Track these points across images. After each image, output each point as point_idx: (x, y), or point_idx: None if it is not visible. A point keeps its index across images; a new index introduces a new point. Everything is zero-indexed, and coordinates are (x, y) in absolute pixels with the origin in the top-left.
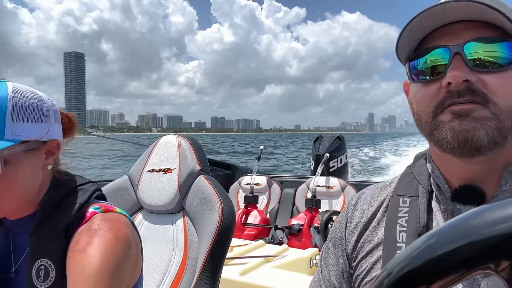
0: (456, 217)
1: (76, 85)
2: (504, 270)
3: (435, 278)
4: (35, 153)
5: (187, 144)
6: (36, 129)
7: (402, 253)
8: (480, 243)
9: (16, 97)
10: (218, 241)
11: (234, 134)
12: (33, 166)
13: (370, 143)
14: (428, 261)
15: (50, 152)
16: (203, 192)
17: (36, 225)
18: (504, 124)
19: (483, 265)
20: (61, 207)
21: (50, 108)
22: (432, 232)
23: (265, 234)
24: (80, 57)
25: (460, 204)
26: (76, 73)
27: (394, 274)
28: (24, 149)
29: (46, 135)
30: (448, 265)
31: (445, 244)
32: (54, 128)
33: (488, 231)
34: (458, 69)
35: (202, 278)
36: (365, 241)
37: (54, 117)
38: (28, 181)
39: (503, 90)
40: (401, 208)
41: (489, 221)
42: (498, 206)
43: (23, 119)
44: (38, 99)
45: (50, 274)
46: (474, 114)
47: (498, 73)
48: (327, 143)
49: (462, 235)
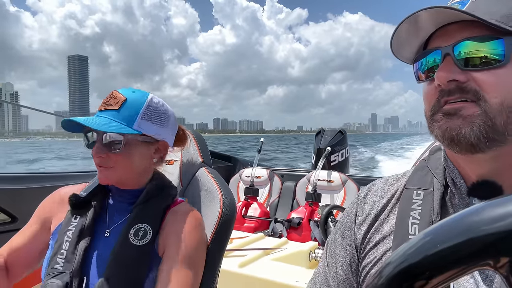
0: (456, 213)
1: (79, 88)
2: (503, 267)
3: (435, 273)
4: (148, 147)
5: (190, 136)
6: (155, 129)
7: (402, 247)
8: (479, 240)
9: (151, 103)
10: (218, 233)
11: (237, 135)
12: (143, 154)
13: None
14: (427, 256)
15: (159, 150)
16: (204, 184)
17: (142, 201)
18: (495, 121)
19: (482, 262)
20: (164, 193)
21: (171, 120)
22: (432, 228)
23: (265, 227)
24: (83, 60)
25: (477, 199)
26: (80, 76)
27: (393, 268)
28: (141, 140)
29: (160, 136)
30: (447, 261)
31: (445, 239)
32: (168, 135)
33: (487, 228)
34: (445, 69)
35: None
36: (375, 232)
37: (171, 127)
38: (137, 163)
39: (495, 87)
40: (415, 201)
41: (489, 217)
42: (498, 203)
43: (149, 120)
44: (165, 111)
45: (147, 235)
46: (462, 112)
47: (490, 70)
48: (329, 137)
49: (462, 231)
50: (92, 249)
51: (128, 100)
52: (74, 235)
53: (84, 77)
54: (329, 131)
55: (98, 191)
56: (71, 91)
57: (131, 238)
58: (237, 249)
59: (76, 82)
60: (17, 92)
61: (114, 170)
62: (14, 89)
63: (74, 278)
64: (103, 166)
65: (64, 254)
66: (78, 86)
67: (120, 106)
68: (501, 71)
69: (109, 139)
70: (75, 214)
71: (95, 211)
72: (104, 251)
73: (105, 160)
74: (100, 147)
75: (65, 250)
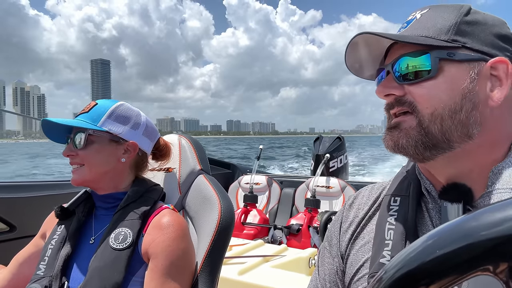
0: (456, 219)
1: (102, 91)
2: (502, 272)
3: (434, 279)
4: (116, 146)
5: (188, 143)
6: (122, 129)
7: (401, 253)
8: (478, 245)
9: (120, 107)
10: (217, 240)
11: (251, 137)
12: (111, 152)
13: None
14: (426, 262)
15: (128, 150)
16: (203, 191)
17: (122, 205)
18: (429, 130)
19: (481, 267)
20: (143, 198)
21: (144, 126)
22: (431, 233)
23: (264, 233)
24: (105, 64)
25: (447, 201)
26: (102, 79)
27: (392, 275)
28: (108, 138)
29: (128, 137)
30: (446, 267)
31: (444, 245)
32: (140, 139)
33: (486, 233)
34: (382, 85)
35: (201, 277)
36: (357, 239)
37: (146, 134)
38: (104, 160)
39: (425, 98)
40: (392, 207)
41: (487, 223)
42: (496, 208)
43: (116, 120)
44: (136, 115)
45: (127, 239)
46: (402, 125)
47: (420, 83)
48: (327, 143)
49: (461, 236)
50: (76, 256)
51: (98, 104)
52: (57, 242)
53: (106, 80)
54: (328, 138)
55: (83, 201)
56: (94, 94)
57: (111, 242)
58: (237, 256)
59: (99, 85)
60: (44, 94)
61: (83, 168)
62: (41, 92)
63: (54, 282)
64: (74, 164)
65: (46, 261)
66: (100, 89)
67: (90, 109)
68: (430, 83)
69: (77, 138)
70: (60, 224)
71: (78, 219)
72: (88, 257)
73: (74, 158)
74: (69, 146)
75: (47, 256)
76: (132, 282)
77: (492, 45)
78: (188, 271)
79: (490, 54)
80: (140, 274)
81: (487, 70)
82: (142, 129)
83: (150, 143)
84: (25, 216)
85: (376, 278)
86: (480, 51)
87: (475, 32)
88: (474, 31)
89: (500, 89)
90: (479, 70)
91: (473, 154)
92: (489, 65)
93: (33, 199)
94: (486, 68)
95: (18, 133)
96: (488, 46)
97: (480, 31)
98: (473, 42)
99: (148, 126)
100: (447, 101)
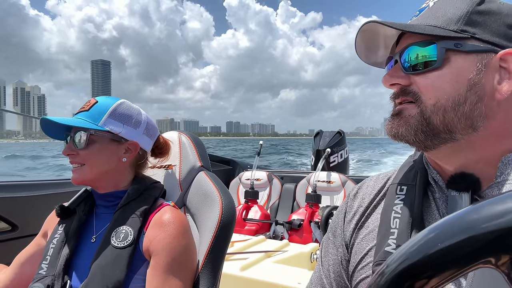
0: (457, 212)
1: (102, 91)
2: (504, 265)
3: (435, 272)
4: (117, 146)
5: (188, 140)
6: (123, 129)
7: (403, 247)
8: (480, 238)
9: (121, 105)
10: (218, 237)
11: (250, 138)
12: (112, 152)
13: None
14: (428, 255)
15: (129, 150)
16: (203, 188)
17: (123, 204)
18: (431, 121)
19: (483, 260)
20: (144, 195)
21: (145, 125)
22: (432, 226)
23: (265, 229)
24: (106, 64)
25: (454, 191)
26: (102, 80)
27: (394, 268)
28: (109, 138)
29: (129, 136)
30: (448, 260)
31: (446, 238)
32: (141, 138)
33: (488, 226)
34: (388, 74)
35: (203, 274)
36: (361, 228)
37: (147, 132)
38: (105, 160)
39: (429, 89)
40: (398, 196)
41: (489, 215)
42: (498, 201)
43: (117, 119)
44: (137, 114)
45: (128, 237)
46: (403, 113)
47: (426, 73)
48: (328, 138)
49: (463, 229)
50: (78, 255)
51: (99, 102)
52: (58, 241)
53: (107, 81)
54: (328, 132)
55: (84, 200)
56: (94, 95)
57: (112, 240)
58: (238, 252)
59: (99, 86)
60: (44, 95)
61: (84, 168)
62: (41, 92)
63: (56, 281)
64: (75, 163)
65: (48, 260)
66: (100, 90)
67: (90, 107)
68: (435, 74)
69: (77, 137)
70: (61, 223)
71: (79, 218)
72: (90, 256)
73: (75, 158)
74: (69, 145)
75: (49, 256)
76: (134, 280)
77: (505, 36)
78: (189, 267)
79: (501, 46)
80: (142, 271)
81: (496, 61)
82: (143, 127)
83: (151, 141)
84: (27, 215)
85: (378, 272)
86: (490, 42)
87: (487, 22)
88: (486, 21)
89: (508, 81)
90: (487, 61)
91: (478, 145)
92: (498, 56)
93: (34, 198)
94: (495, 60)
95: (18, 133)
96: (499, 37)
97: (493, 21)
98: (484, 33)
99: (148, 124)
100: (451, 92)
